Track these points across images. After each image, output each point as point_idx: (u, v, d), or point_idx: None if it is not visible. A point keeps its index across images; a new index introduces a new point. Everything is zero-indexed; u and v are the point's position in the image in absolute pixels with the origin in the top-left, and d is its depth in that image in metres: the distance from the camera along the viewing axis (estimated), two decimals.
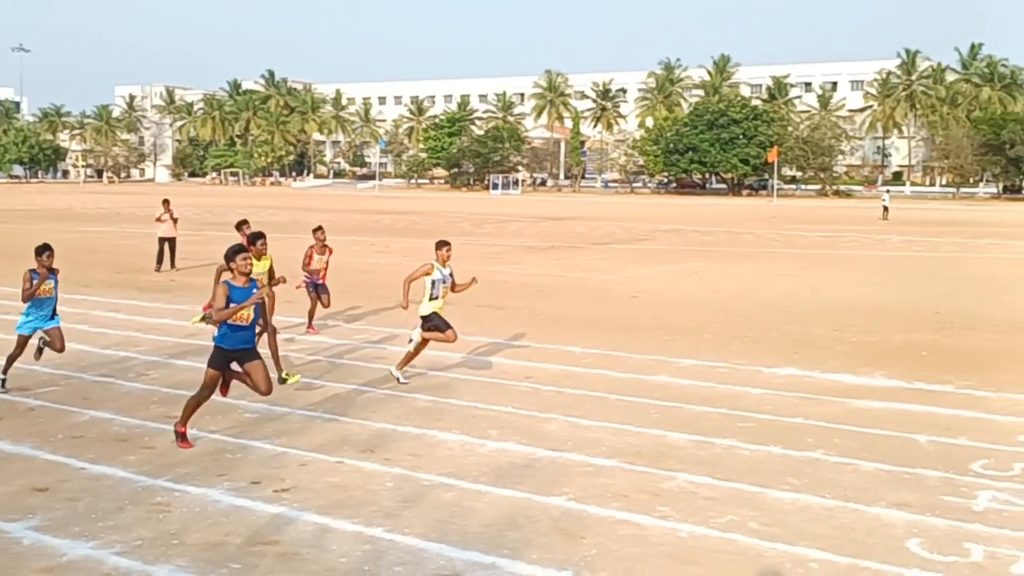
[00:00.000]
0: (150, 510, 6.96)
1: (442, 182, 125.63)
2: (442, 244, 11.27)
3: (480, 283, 11.96)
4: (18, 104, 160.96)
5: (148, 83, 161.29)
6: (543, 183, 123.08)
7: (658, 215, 56.65)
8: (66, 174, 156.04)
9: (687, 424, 9.41)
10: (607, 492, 7.43)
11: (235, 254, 8.46)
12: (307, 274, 14.30)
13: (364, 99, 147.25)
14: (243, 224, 14.18)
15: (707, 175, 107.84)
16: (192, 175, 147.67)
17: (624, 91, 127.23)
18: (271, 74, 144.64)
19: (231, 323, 8.28)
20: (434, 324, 11.13)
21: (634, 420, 9.53)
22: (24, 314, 10.53)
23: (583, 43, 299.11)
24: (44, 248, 10.40)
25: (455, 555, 6.20)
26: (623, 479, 7.76)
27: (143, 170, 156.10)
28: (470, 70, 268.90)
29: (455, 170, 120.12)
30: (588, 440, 8.87)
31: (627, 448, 8.61)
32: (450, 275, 11.26)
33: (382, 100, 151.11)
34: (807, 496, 7.38)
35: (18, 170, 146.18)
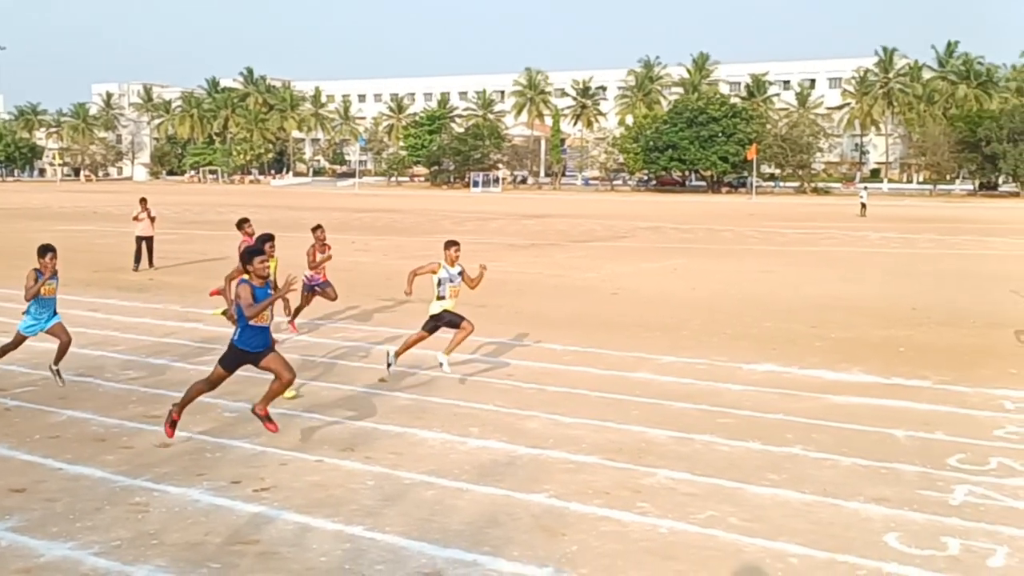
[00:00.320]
0: (129, 510, 6.93)
1: (422, 180, 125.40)
2: (450, 244, 10.93)
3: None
4: None
5: (126, 81, 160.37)
6: (524, 181, 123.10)
7: (638, 212, 56.79)
8: (43, 173, 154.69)
9: (667, 420, 9.45)
10: (588, 489, 7.45)
11: (252, 256, 8.29)
12: (311, 273, 14.25)
13: (344, 96, 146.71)
14: (244, 223, 13.89)
15: (687, 173, 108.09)
16: (170, 173, 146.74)
17: (604, 89, 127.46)
18: (250, 72, 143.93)
19: (253, 323, 8.16)
20: (446, 320, 10.92)
21: (615, 417, 9.56)
22: (26, 313, 10.37)
23: (563, 41, 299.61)
24: (47, 249, 10.21)
25: (436, 553, 6.20)
26: (604, 476, 7.78)
27: (121, 168, 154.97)
28: (450, 67, 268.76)
29: (435, 168, 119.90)
30: (569, 437, 8.89)
31: (608, 445, 8.64)
32: (459, 274, 10.97)
33: (362, 97, 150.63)
34: (786, 491, 7.43)
35: None
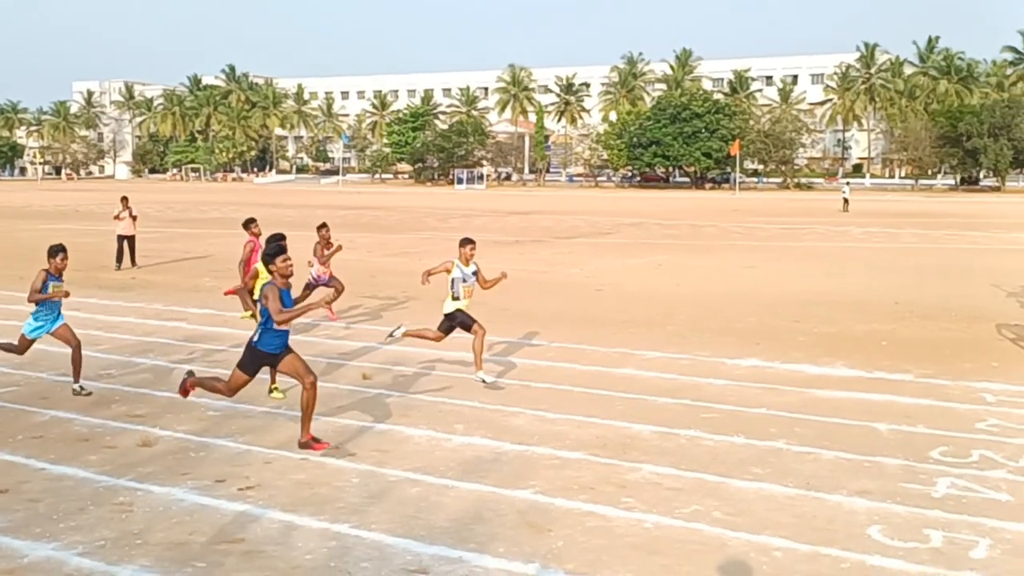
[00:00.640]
0: (113, 510, 6.90)
1: (406, 177, 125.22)
2: (466, 242, 10.72)
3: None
4: None
5: (106, 78, 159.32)
6: (508, 177, 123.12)
7: (622, 209, 56.88)
8: (24, 171, 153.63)
9: (652, 416, 9.48)
10: (573, 484, 7.47)
11: (274, 256, 8.09)
12: (317, 271, 14.19)
13: (326, 93, 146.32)
14: (251, 223, 13.77)
15: (670, 169, 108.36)
16: (152, 171, 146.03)
17: (587, 85, 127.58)
18: (232, 69, 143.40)
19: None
20: (459, 321, 10.77)
21: (599, 412, 9.58)
22: (33, 316, 10.16)
23: (546, 37, 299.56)
24: (59, 249, 10.03)
25: (422, 550, 6.20)
26: (589, 471, 7.80)
27: (102, 167, 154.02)
28: (434, 64, 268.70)
29: (419, 165, 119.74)
30: (554, 433, 8.90)
31: (593, 440, 8.66)
32: (474, 274, 10.80)
33: (344, 94, 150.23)
34: (770, 485, 7.46)
35: None
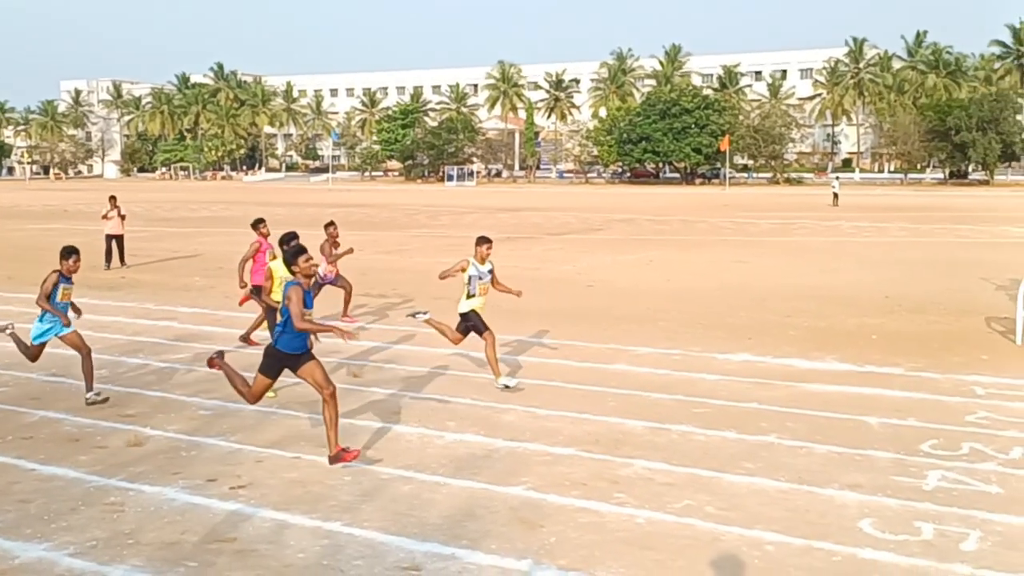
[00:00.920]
0: (104, 510, 6.88)
1: (396, 174, 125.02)
2: (482, 241, 10.61)
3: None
4: None
5: (94, 77, 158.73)
6: (498, 174, 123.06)
7: (613, 205, 56.91)
8: (11, 171, 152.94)
9: (643, 411, 9.49)
10: (565, 480, 7.48)
11: (296, 256, 7.87)
12: (325, 270, 14.14)
13: (315, 91, 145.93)
14: (260, 223, 13.56)
15: (660, 164, 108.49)
16: (141, 170, 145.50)
17: (577, 81, 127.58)
18: (220, 67, 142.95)
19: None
20: (472, 324, 10.59)
21: (591, 408, 9.59)
22: (39, 320, 9.87)
23: (535, 34, 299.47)
24: (72, 251, 9.82)
25: (414, 547, 6.20)
26: (581, 467, 7.81)
27: (91, 166, 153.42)
28: (423, 61, 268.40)
29: (409, 162, 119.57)
30: (546, 429, 8.91)
31: (585, 436, 8.67)
32: (490, 272, 10.68)
33: (334, 92, 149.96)
34: (762, 480, 7.48)
35: None
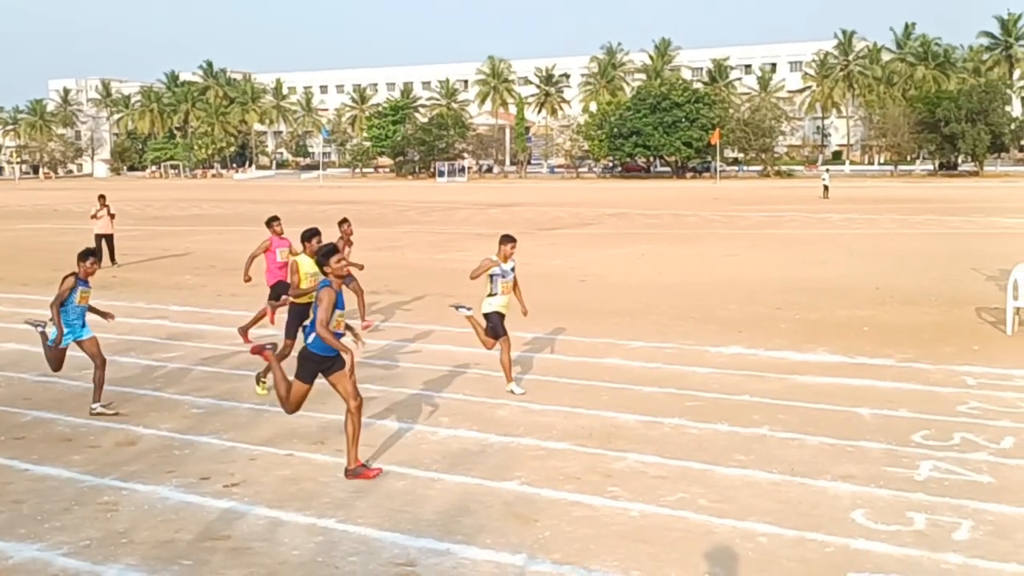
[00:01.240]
0: (97, 510, 6.87)
1: (387, 171, 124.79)
2: (507, 240, 10.32)
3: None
4: None
5: (83, 76, 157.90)
6: (489, 170, 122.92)
7: (604, 199, 56.93)
8: (1, 171, 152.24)
9: (636, 405, 9.51)
10: (559, 475, 7.49)
11: (328, 256, 7.54)
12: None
13: (305, 88, 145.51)
14: (274, 220, 13.41)
15: (651, 159, 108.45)
16: (131, 169, 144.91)
17: (567, 76, 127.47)
18: (209, 65, 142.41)
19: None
20: (491, 325, 10.29)
21: (584, 403, 9.61)
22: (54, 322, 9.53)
23: (525, 29, 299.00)
24: (88, 253, 9.64)
25: (409, 543, 6.21)
26: (574, 461, 7.83)
27: (80, 165, 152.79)
28: (412, 57, 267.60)
29: (400, 158, 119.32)
30: (539, 424, 8.92)
31: (578, 431, 8.69)
32: (512, 270, 10.41)
33: (323, 89, 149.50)
34: (754, 472, 7.51)
35: None
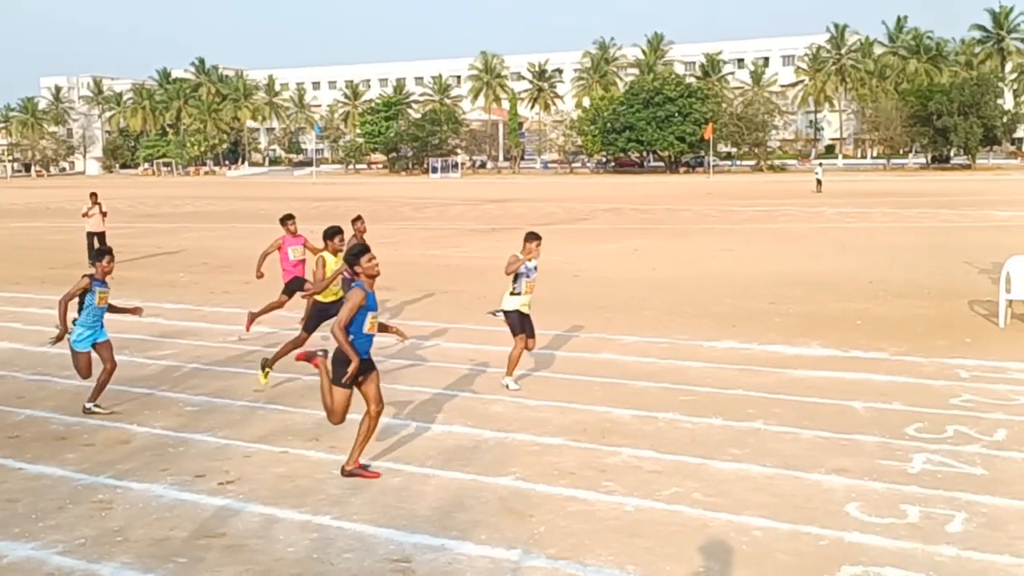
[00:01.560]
0: (92, 508, 6.86)
1: (380, 167, 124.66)
2: (532, 237, 10.07)
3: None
4: None
5: (74, 73, 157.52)
6: (483, 165, 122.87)
7: (598, 194, 56.94)
8: None
9: (631, 400, 9.52)
10: (554, 470, 7.50)
11: (359, 256, 7.36)
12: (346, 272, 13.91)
13: (298, 84, 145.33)
14: (288, 219, 13.31)
15: (644, 153, 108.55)
16: (124, 167, 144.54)
17: (560, 71, 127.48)
18: (201, 62, 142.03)
19: (365, 331, 7.40)
20: (512, 322, 10.12)
21: (579, 398, 9.62)
22: (78, 325, 9.42)
23: (517, 24, 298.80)
24: (104, 252, 9.57)
25: (404, 539, 6.22)
26: (569, 456, 7.84)
27: (73, 163, 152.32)
28: (405, 53, 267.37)
29: (393, 155, 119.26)
30: (534, 420, 8.93)
31: (572, 426, 8.70)
32: (535, 269, 10.15)
33: (316, 85, 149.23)
34: (749, 466, 7.52)
35: None
